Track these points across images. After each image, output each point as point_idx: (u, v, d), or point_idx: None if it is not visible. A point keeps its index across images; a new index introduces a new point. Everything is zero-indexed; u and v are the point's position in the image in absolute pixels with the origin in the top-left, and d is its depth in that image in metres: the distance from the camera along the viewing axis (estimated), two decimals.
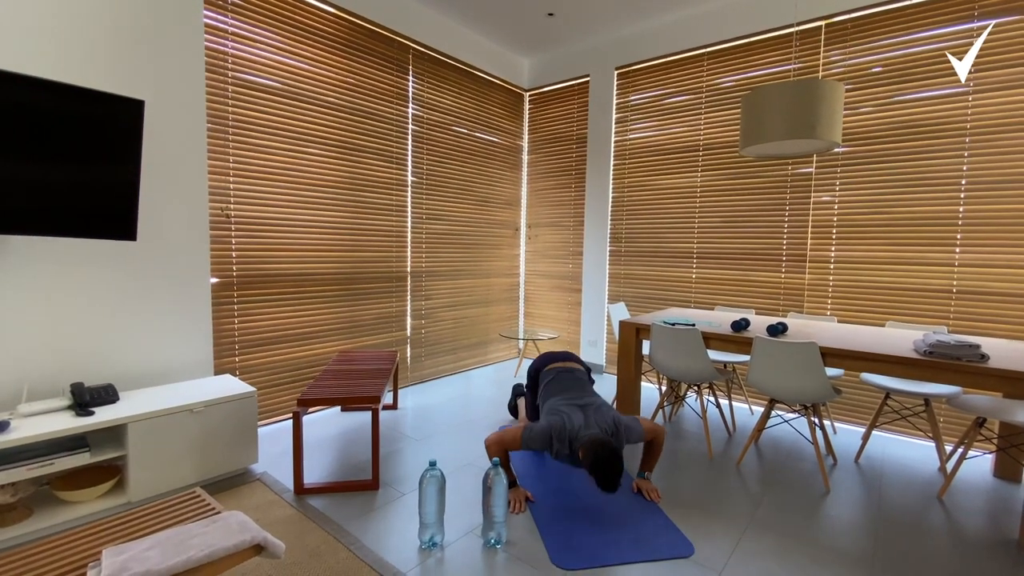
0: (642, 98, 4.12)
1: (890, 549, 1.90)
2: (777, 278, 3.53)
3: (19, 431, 1.81)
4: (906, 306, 3.05)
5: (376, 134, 3.53)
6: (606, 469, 1.86)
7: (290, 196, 3.06)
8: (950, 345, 2.04)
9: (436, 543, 1.86)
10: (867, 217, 3.15)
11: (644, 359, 4.05)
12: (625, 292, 4.32)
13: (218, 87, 2.69)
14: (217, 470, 2.29)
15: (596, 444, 1.92)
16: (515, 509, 2.13)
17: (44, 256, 2.12)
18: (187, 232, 2.56)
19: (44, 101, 1.89)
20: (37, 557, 1.25)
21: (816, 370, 2.27)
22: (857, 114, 3.15)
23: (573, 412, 2.14)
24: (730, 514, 2.12)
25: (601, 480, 1.88)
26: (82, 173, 2.01)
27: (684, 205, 3.94)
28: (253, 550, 1.34)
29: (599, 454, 1.89)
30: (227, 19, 2.70)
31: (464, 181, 4.32)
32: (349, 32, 3.31)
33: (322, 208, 3.24)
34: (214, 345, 2.74)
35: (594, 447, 1.91)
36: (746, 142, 2.47)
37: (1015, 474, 2.50)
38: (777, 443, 2.92)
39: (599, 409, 2.17)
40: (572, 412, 2.14)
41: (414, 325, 3.95)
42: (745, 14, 3.53)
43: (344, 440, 2.83)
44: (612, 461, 1.87)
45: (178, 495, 1.56)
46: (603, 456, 1.88)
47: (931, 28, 2.90)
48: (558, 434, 2.06)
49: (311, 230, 3.19)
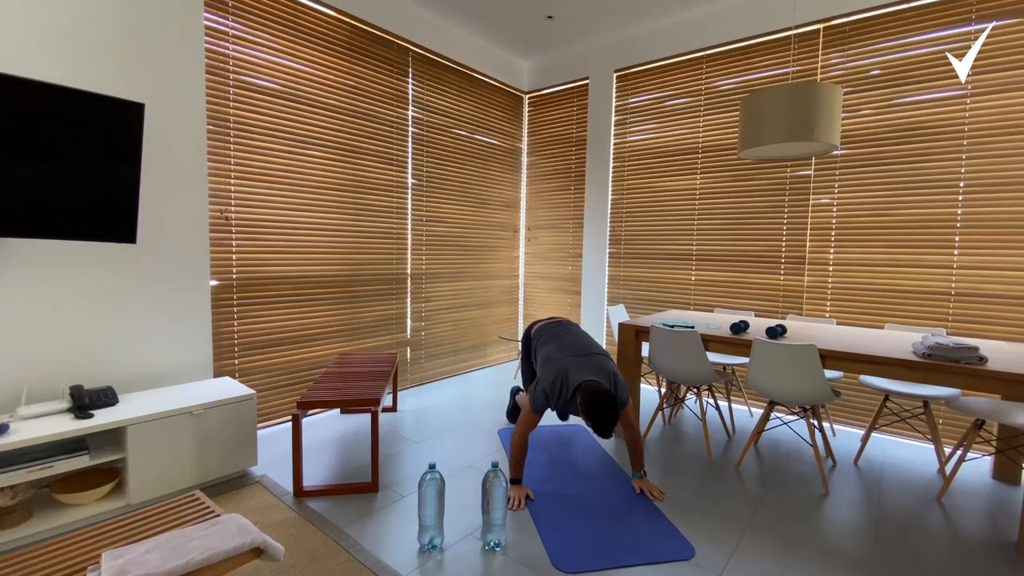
0: (641, 101, 4.13)
1: (889, 551, 1.90)
2: (776, 280, 3.53)
3: (18, 434, 1.81)
4: (905, 308, 3.06)
5: (376, 137, 3.54)
6: (603, 413, 1.91)
7: (290, 198, 3.07)
8: (949, 347, 2.05)
9: (435, 546, 1.86)
10: (866, 219, 3.16)
11: (643, 361, 4.05)
12: (624, 294, 4.32)
13: (219, 90, 2.70)
14: (216, 473, 2.29)
15: (593, 390, 1.97)
16: (515, 507, 2.13)
17: (44, 258, 2.12)
18: (187, 235, 2.56)
19: (44, 104, 1.89)
20: (36, 560, 1.25)
21: (815, 372, 2.28)
22: (855, 117, 3.16)
23: (570, 358, 2.17)
24: (730, 516, 2.12)
25: (596, 423, 1.92)
26: (82, 176, 2.01)
27: (683, 207, 3.95)
28: (252, 553, 1.34)
29: (595, 399, 1.93)
30: (228, 21, 2.71)
31: (464, 183, 4.32)
32: (349, 35, 3.32)
33: (322, 210, 3.24)
34: (214, 348, 2.74)
35: (591, 393, 1.96)
36: (745, 145, 2.48)
37: (1014, 476, 2.50)
38: (776, 445, 2.92)
39: (597, 357, 2.20)
40: (568, 358, 2.17)
41: (414, 327, 3.95)
42: (743, 17, 3.54)
43: (343, 443, 2.83)
44: (608, 405, 1.92)
45: (177, 498, 1.56)
46: (599, 400, 1.93)
47: (929, 31, 2.92)
48: (562, 383, 2.09)
49: (311, 232, 3.19)
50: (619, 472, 2.50)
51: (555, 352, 2.25)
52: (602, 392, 1.95)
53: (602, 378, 2.13)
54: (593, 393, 1.96)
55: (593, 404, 1.93)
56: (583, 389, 2.00)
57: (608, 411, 1.92)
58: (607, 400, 1.93)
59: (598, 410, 1.92)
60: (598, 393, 1.95)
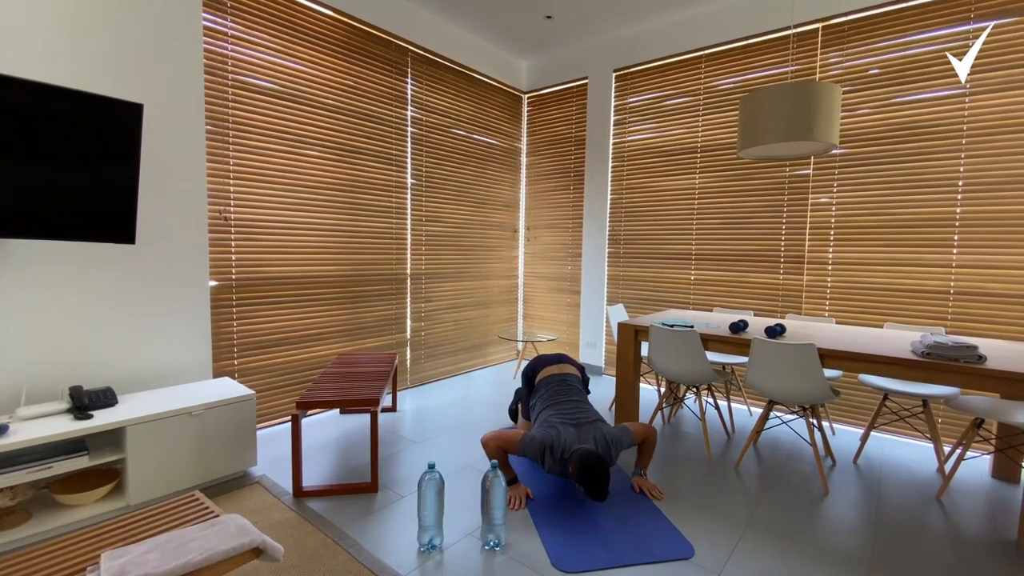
0: (640, 100, 4.13)
1: (889, 550, 1.90)
2: (775, 279, 3.54)
3: (18, 434, 1.80)
4: (904, 307, 3.06)
5: (375, 137, 3.54)
6: (594, 478, 1.94)
7: (289, 198, 3.06)
8: (948, 346, 2.05)
9: (435, 546, 1.86)
10: (865, 218, 3.16)
11: (643, 361, 4.06)
12: (624, 294, 4.33)
13: (218, 90, 2.69)
14: (216, 473, 2.29)
15: (585, 455, 2.00)
16: (515, 506, 2.13)
17: (43, 259, 2.12)
18: (186, 235, 2.56)
19: (43, 105, 1.89)
20: (36, 561, 1.25)
21: (814, 371, 2.28)
22: (854, 116, 3.16)
23: (566, 429, 2.20)
24: (729, 515, 2.13)
25: (589, 489, 1.95)
26: (81, 177, 2.01)
27: (682, 207, 3.95)
28: (252, 553, 1.34)
29: (586, 463, 1.96)
30: (226, 22, 2.71)
31: (463, 183, 4.32)
32: (348, 35, 3.32)
33: (322, 210, 3.24)
34: (213, 348, 2.74)
35: (583, 458, 1.99)
36: (744, 144, 2.48)
37: (1013, 475, 2.50)
38: (776, 444, 2.92)
39: (591, 426, 2.24)
40: (565, 429, 2.20)
41: (414, 327, 3.95)
42: (742, 16, 3.54)
43: (343, 443, 2.83)
44: (599, 470, 1.95)
45: (177, 498, 1.56)
46: (590, 465, 1.96)
47: (928, 30, 2.92)
48: (551, 449, 2.13)
49: (311, 232, 3.19)
50: (619, 472, 2.50)
51: (554, 419, 2.29)
52: (592, 457, 1.99)
53: (598, 444, 2.16)
54: (583, 458, 1.99)
55: (584, 471, 1.96)
56: (575, 456, 2.03)
57: (599, 477, 1.95)
58: (597, 465, 1.96)
59: (589, 476, 1.95)
60: (588, 458, 1.98)
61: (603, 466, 1.96)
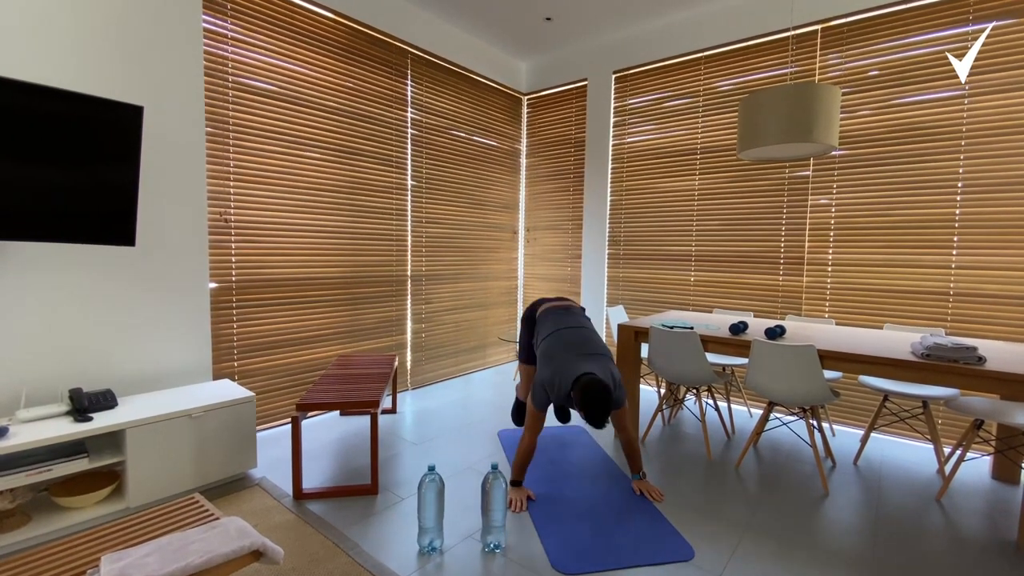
0: (640, 102, 4.13)
1: (889, 551, 1.90)
2: (775, 281, 3.54)
3: (17, 437, 1.80)
4: (903, 308, 3.06)
5: (375, 138, 3.54)
6: (596, 403, 1.93)
7: (289, 200, 3.07)
8: (947, 347, 2.05)
9: (435, 548, 1.86)
10: (864, 220, 3.16)
11: (643, 362, 4.06)
12: (623, 295, 4.33)
13: (218, 92, 2.70)
14: (216, 475, 2.29)
15: (588, 381, 1.99)
16: (515, 508, 2.13)
17: (43, 261, 2.12)
18: (186, 237, 2.56)
19: (44, 107, 1.89)
20: (36, 564, 1.25)
21: (814, 373, 2.28)
22: (854, 117, 3.16)
23: (571, 357, 2.17)
24: (729, 517, 2.13)
25: (590, 412, 1.93)
26: (81, 179, 2.01)
27: (682, 208, 3.95)
28: (252, 556, 1.34)
29: (590, 390, 1.95)
30: (226, 24, 2.71)
31: (463, 185, 4.33)
32: (348, 37, 3.32)
33: (322, 212, 3.24)
34: (213, 350, 2.74)
35: (586, 383, 1.98)
36: (743, 146, 2.48)
37: (1013, 476, 2.50)
38: (776, 446, 2.92)
39: (600, 359, 2.21)
40: (570, 357, 2.17)
41: (414, 329, 3.95)
42: (742, 18, 3.55)
43: (343, 445, 2.83)
44: (602, 396, 1.94)
45: (177, 501, 1.56)
46: (593, 391, 1.94)
47: (927, 32, 2.92)
48: (553, 380, 2.12)
49: (311, 234, 3.19)
50: (619, 473, 2.50)
51: (557, 349, 2.25)
52: (597, 383, 1.97)
53: (602, 375, 2.13)
54: (588, 384, 1.97)
55: (586, 394, 1.94)
56: (579, 381, 2.01)
57: (602, 401, 1.93)
58: (601, 390, 1.95)
59: (591, 399, 1.93)
60: (593, 384, 1.97)
61: (608, 394, 1.95)
